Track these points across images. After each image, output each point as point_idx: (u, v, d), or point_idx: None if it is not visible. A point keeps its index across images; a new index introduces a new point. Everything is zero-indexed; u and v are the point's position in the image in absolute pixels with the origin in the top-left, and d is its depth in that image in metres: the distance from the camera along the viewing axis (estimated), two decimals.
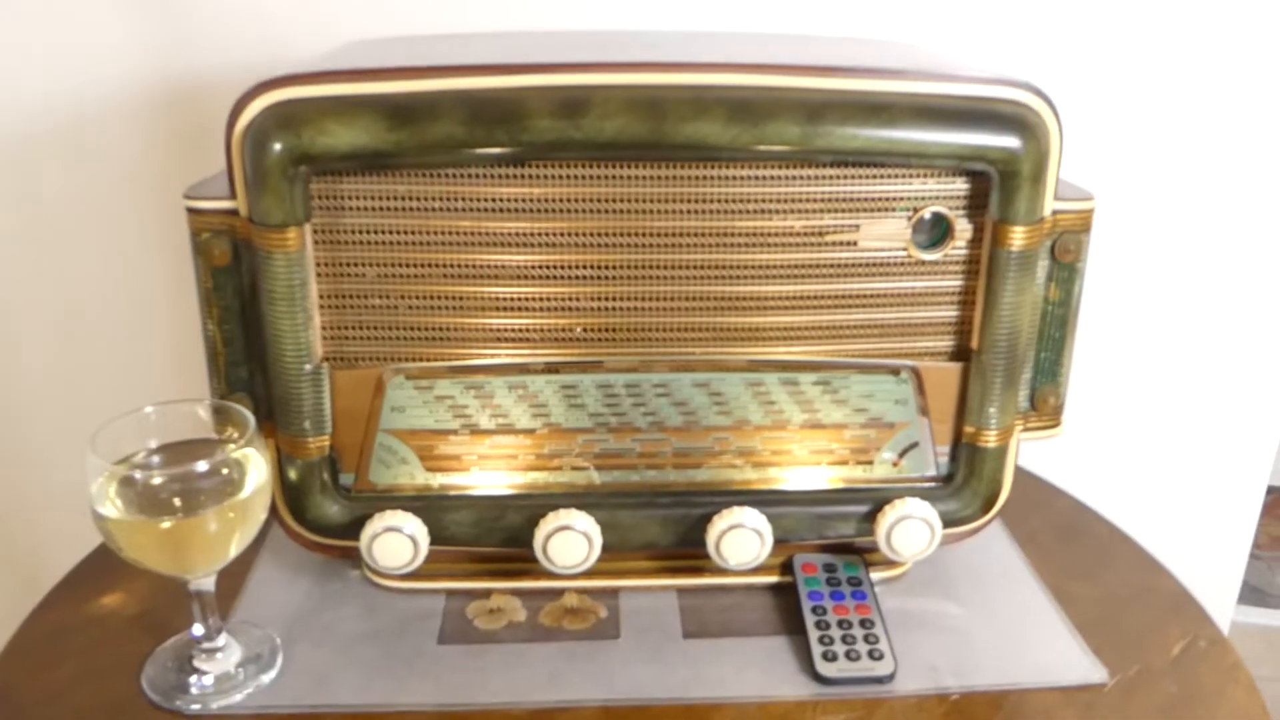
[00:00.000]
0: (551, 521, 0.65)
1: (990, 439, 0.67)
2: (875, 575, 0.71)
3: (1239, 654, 0.66)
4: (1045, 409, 0.69)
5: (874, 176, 0.63)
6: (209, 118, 0.81)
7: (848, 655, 0.64)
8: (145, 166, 0.94)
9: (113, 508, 0.57)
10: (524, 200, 0.62)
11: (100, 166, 0.94)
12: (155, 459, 0.61)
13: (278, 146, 0.58)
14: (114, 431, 0.60)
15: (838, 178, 0.63)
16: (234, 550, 0.61)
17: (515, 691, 0.63)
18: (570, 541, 0.65)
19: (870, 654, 0.65)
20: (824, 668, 0.64)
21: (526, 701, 0.62)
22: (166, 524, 0.58)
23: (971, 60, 0.67)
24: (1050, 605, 0.70)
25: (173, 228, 0.92)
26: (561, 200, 0.62)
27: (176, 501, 0.59)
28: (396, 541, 0.65)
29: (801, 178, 0.62)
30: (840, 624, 0.67)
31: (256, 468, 0.60)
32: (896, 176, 0.63)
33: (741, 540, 0.66)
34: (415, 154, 0.59)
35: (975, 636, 0.67)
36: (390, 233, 0.63)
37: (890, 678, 0.63)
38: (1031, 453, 0.75)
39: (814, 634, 0.66)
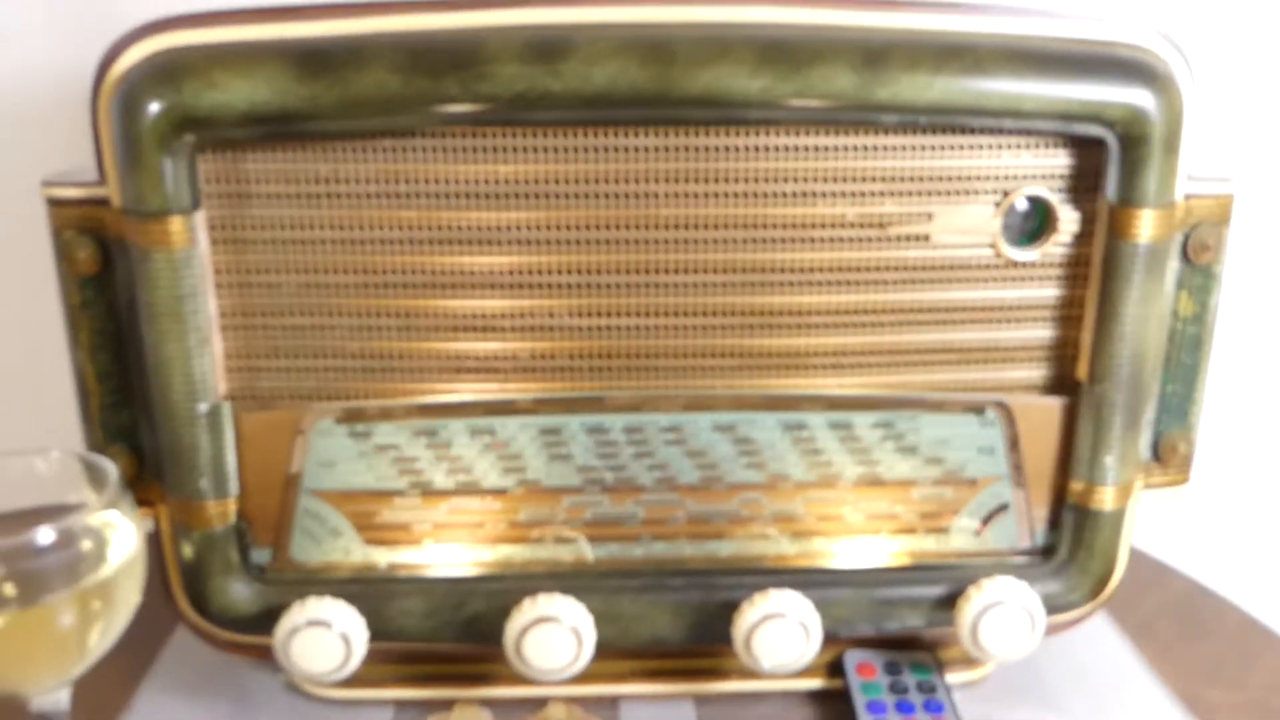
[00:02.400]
0: (527, 613, 0.46)
1: (1105, 499, 0.47)
2: (951, 678, 0.52)
3: None
4: (1172, 459, 0.49)
5: (952, 147, 0.44)
6: None
7: None
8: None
9: None
10: (487, 182, 0.44)
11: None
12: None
13: (153, 106, 0.40)
14: None
15: (905, 148, 0.44)
16: (95, 652, 0.42)
17: None
18: (552, 639, 0.46)
19: None
20: None
21: None
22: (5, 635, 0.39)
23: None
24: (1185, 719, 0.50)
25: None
26: (537, 181, 0.44)
27: (9, 589, 0.40)
28: (322, 640, 0.45)
29: (856, 148, 0.44)
30: None
31: (122, 537, 0.42)
32: (981, 147, 0.44)
33: (781, 635, 0.46)
34: (336, 114, 0.41)
35: None
36: (312, 228, 0.44)
37: None
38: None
39: None
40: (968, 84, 0.41)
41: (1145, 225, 0.43)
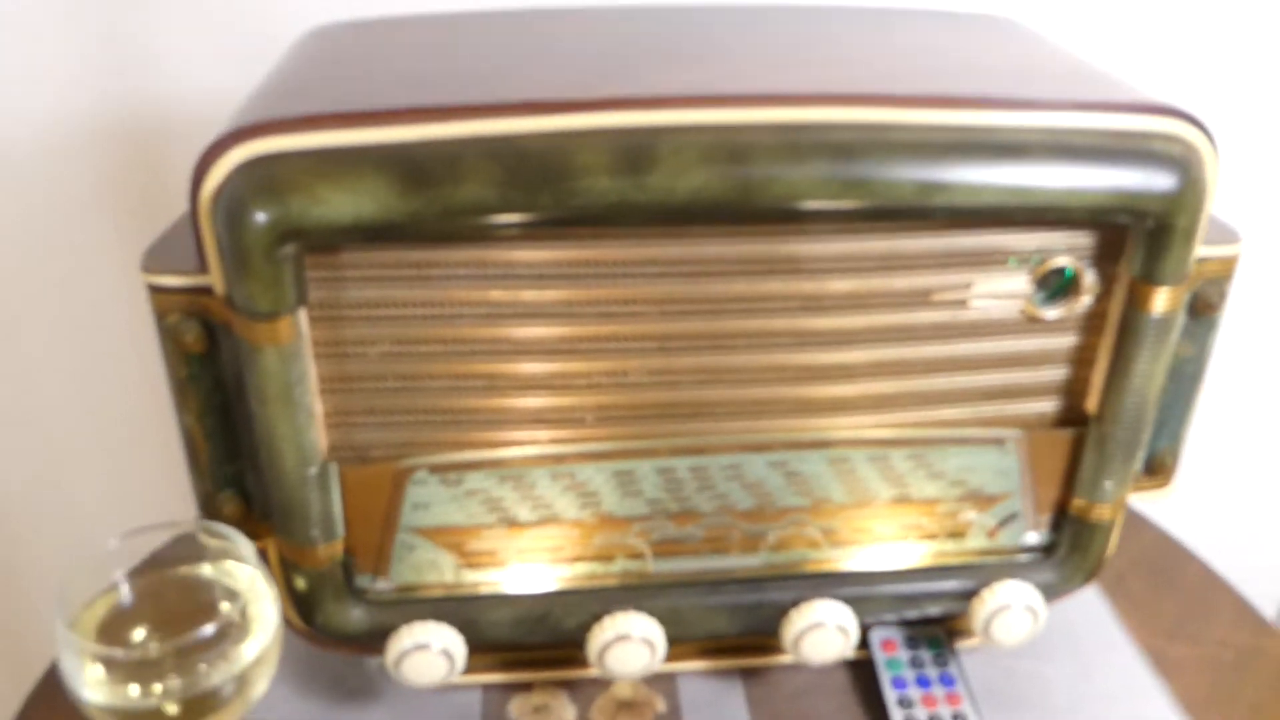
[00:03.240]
0: (608, 631, 0.52)
1: (1102, 514, 0.54)
2: (959, 643, 0.60)
3: None
4: (1161, 471, 0.56)
5: (994, 227, 0.48)
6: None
7: None
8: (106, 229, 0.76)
9: (98, 690, 0.43)
10: (568, 264, 0.47)
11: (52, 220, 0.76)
12: (127, 594, 0.46)
13: (260, 220, 0.42)
14: (78, 579, 0.45)
15: (950, 229, 0.48)
16: (251, 702, 0.48)
17: None
18: (630, 652, 0.52)
19: None
20: None
21: None
22: (173, 708, 0.44)
23: (1083, 54, 0.52)
24: (1154, 681, 0.59)
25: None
26: (613, 263, 0.47)
27: (173, 674, 0.44)
28: (427, 659, 0.52)
29: (906, 230, 0.48)
30: None
31: (263, 604, 0.46)
32: (1020, 228, 0.48)
33: (823, 639, 0.53)
34: (436, 223, 0.44)
35: None
36: (404, 305, 0.47)
37: None
38: None
39: None
40: (1017, 188, 0.45)
41: (1161, 300, 0.48)
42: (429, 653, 0.52)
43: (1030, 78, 0.49)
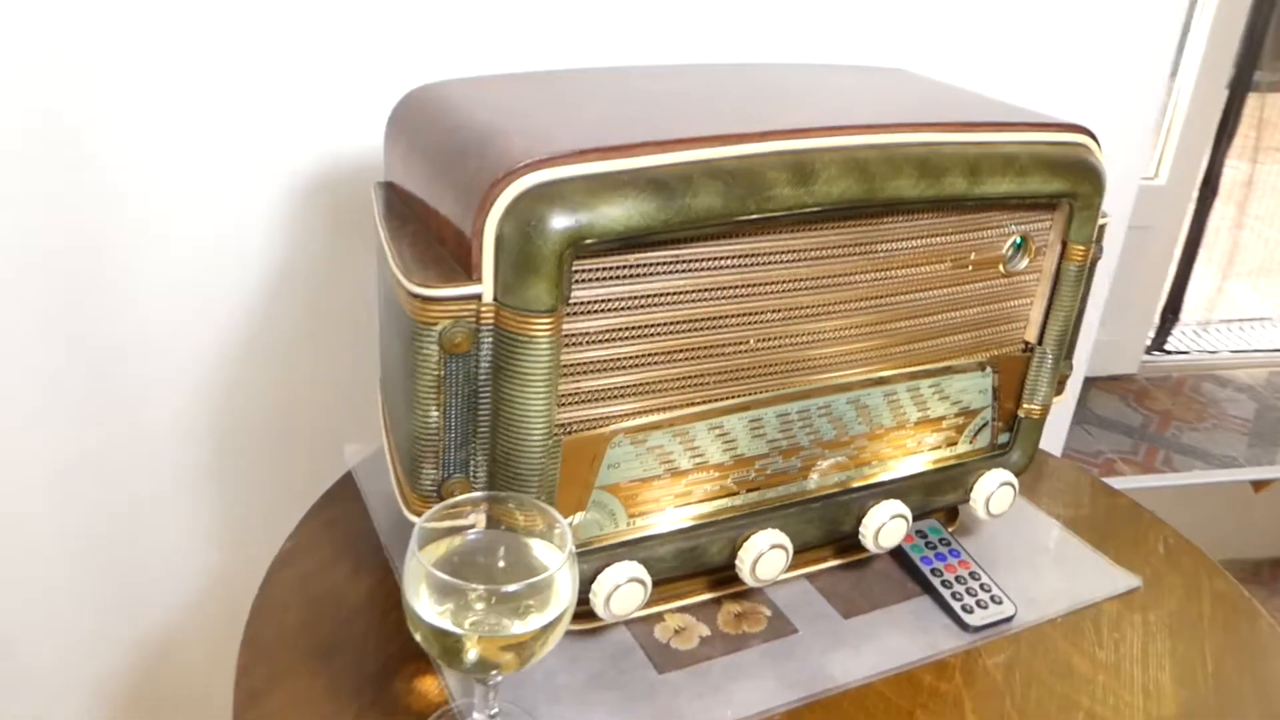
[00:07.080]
0: (759, 543, 0.68)
1: (1040, 412, 0.79)
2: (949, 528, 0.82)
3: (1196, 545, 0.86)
4: (1062, 384, 0.82)
5: (990, 214, 0.71)
6: None
7: (979, 605, 0.75)
8: None
9: (423, 606, 0.53)
10: (734, 257, 0.63)
11: None
12: (469, 539, 0.56)
13: (558, 229, 0.55)
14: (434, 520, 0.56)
15: (960, 216, 0.70)
16: (527, 664, 0.57)
17: (772, 697, 0.66)
18: (775, 558, 0.68)
19: (992, 599, 0.75)
20: (970, 619, 0.73)
21: (793, 701, 0.66)
22: (471, 642, 0.54)
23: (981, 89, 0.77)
24: (1068, 533, 0.84)
25: None
26: (760, 255, 0.63)
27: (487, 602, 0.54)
28: (630, 591, 0.64)
29: (942, 225, 0.69)
30: (958, 580, 0.76)
31: (564, 584, 0.56)
32: (1006, 213, 0.71)
33: (895, 528, 0.73)
34: (677, 230, 0.58)
35: (1040, 568, 0.80)
36: (613, 299, 0.60)
37: (1014, 616, 0.75)
38: None
39: (945, 593, 0.75)
40: (1019, 184, 0.68)
41: (1080, 253, 0.73)
42: (629, 585, 0.64)
43: (993, 107, 0.72)
